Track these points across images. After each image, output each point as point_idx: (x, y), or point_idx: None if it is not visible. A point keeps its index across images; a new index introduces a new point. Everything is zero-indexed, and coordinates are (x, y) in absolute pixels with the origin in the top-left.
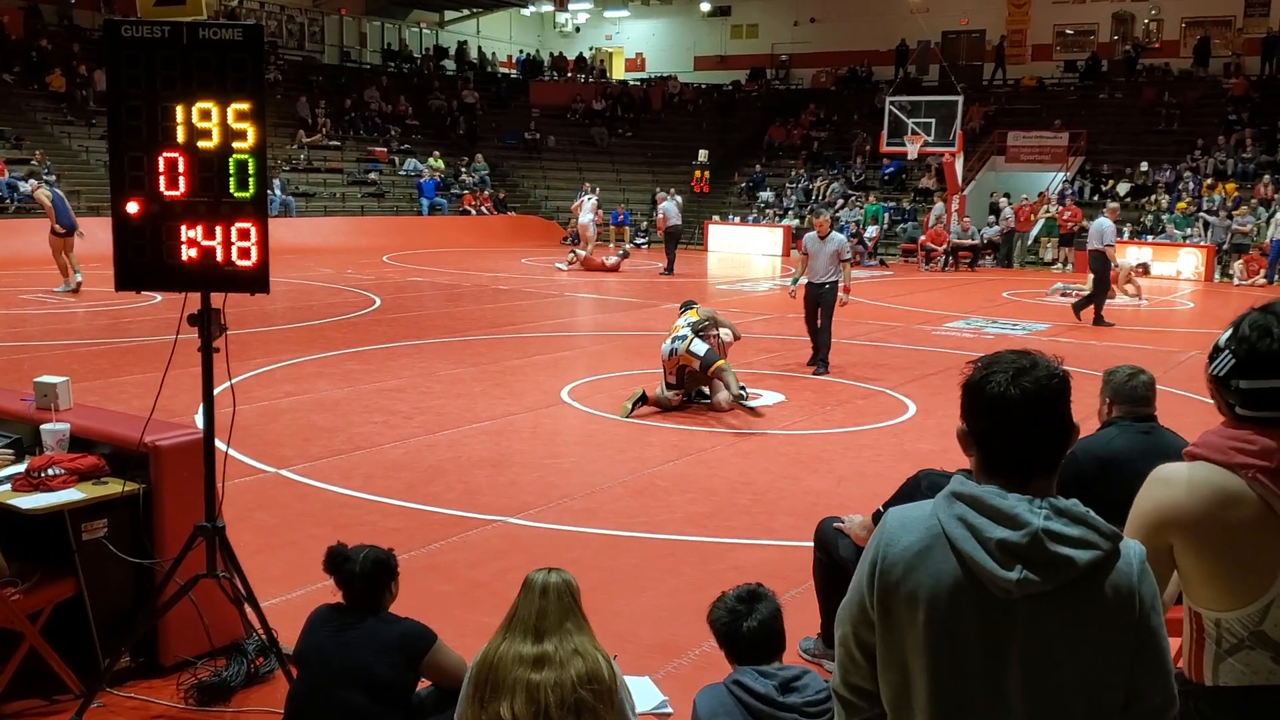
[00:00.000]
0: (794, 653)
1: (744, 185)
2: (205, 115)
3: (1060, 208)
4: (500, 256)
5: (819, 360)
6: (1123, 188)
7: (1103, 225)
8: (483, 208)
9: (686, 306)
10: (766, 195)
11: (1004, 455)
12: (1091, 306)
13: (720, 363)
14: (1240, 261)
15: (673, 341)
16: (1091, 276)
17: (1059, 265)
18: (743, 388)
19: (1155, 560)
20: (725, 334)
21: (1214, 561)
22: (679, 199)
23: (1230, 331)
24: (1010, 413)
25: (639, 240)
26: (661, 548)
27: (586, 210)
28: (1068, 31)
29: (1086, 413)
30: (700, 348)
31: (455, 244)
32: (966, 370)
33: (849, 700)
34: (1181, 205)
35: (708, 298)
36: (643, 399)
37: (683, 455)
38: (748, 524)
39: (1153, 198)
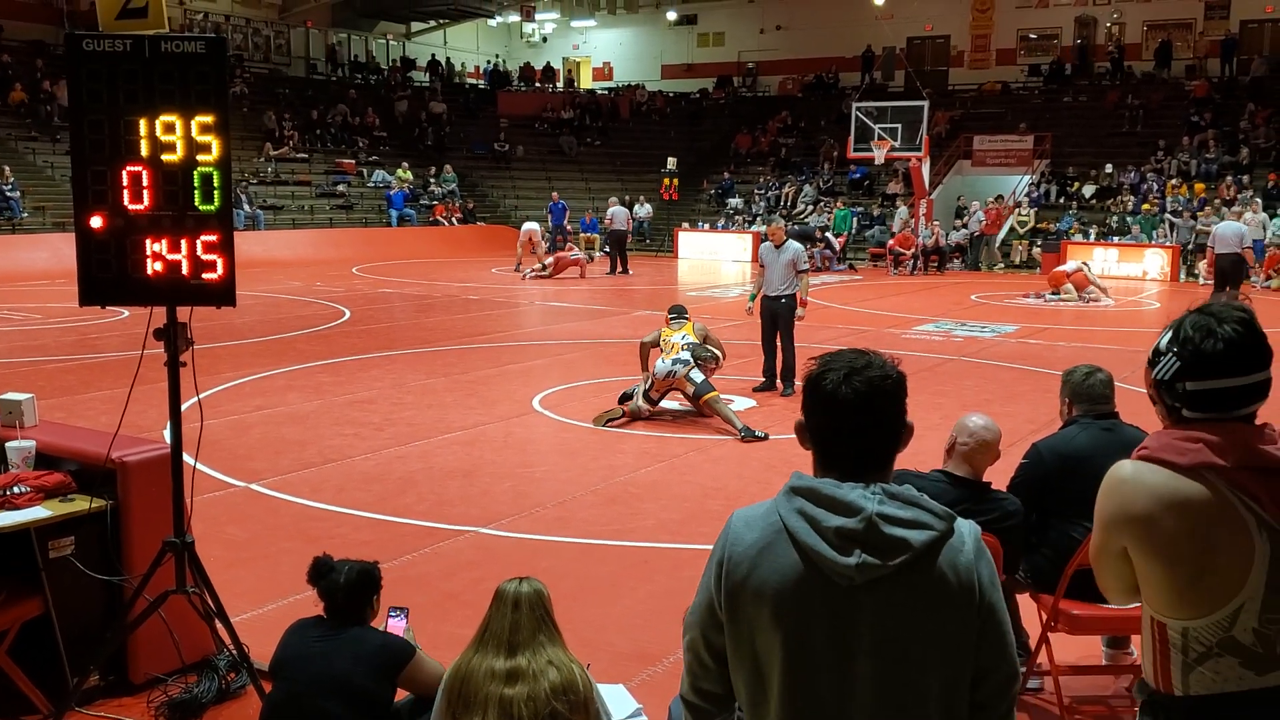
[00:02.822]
0: None
1: (713, 192)
2: (169, 128)
3: (1029, 210)
4: (470, 267)
5: (786, 381)
6: (1088, 190)
7: (1240, 229)
8: (453, 218)
9: (678, 314)
10: (735, 202)
11: (837, 450)
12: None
13: (712, 394)
14: (1205, 261)
15: (672, 364)
16: (1213, 279)
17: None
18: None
19: (1113, 558)
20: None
21: (1172, 566)
22: (648, 206)
23: (1170, 334)
24: (842, 409)
25: (606, 248)
26: (634, 555)
27: (532, 222)
28: (1031, 36)
29: (1055, 413)
30: (698, 376)
31: (424, 255)
32: (808, 367)
33: (699, 706)
34: (1146, 206)
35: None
36: (622, 416)
37: (655, 462)
38: (720, 529)
39: (1117, 199)
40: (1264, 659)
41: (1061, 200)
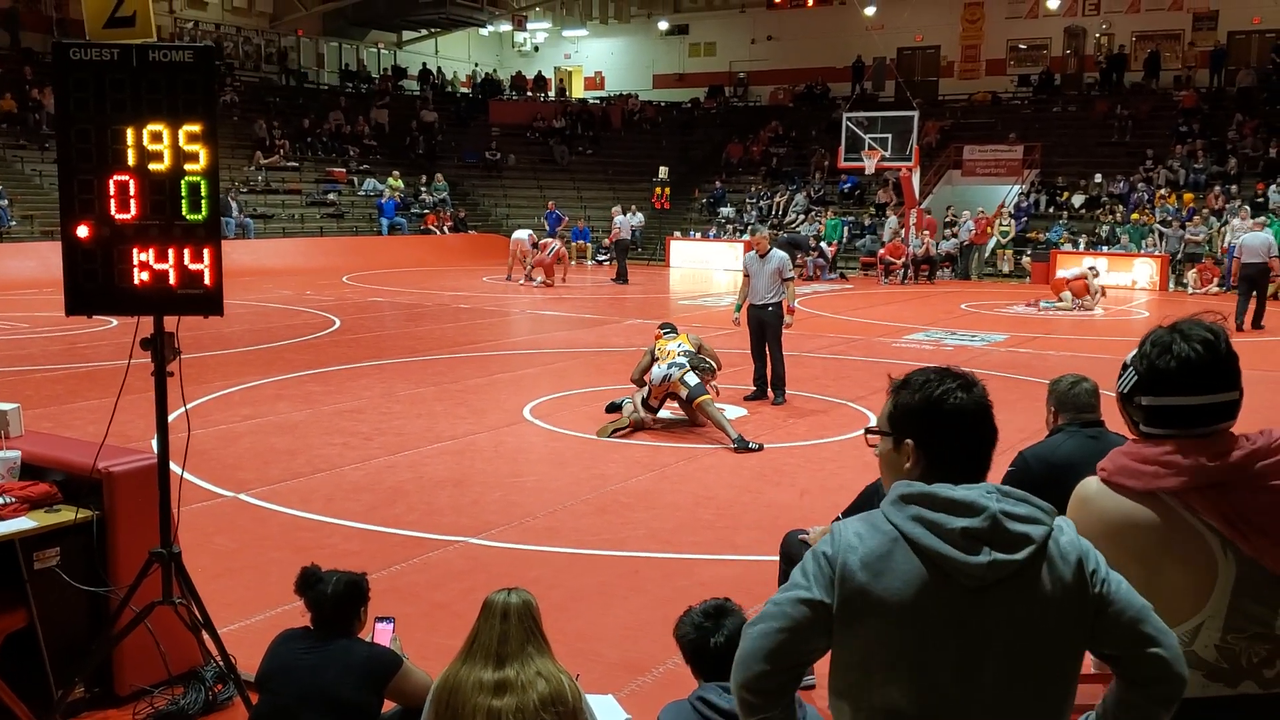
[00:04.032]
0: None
1: (704, 201)
2: (156, 137)
3: (1014, 220)
4: (461, 275)
5: (776, 390)
6: (1077, 199)
7: (1267, 238)
8: (444, 227)
9: (669, 329)
10: (727, 211)
11: (959, 464)
12: (1250, 313)
13: (705, 398)
14: (1194, 271)
15: (668, 368)
16: (1240, 285)
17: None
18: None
19: None
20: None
21: (1132, 582)
22: (640, 215)
23: (1137, 348)
24: (970, 423)
25: (601, 256)
26: (625, 565)
27: (522, 231)
28: (1021, 46)
29: (1044, 422)
30: (692, 380)
31: (415, 263)
32: (910, 396)
33: (752, 702)
34: (1136, 216)
35: (670, 313)
36: (627, 427)
37: (645, 471)
38: (711, 539)
39: (1106, 208)
40: (1230, 672)
41: (1051, 210)
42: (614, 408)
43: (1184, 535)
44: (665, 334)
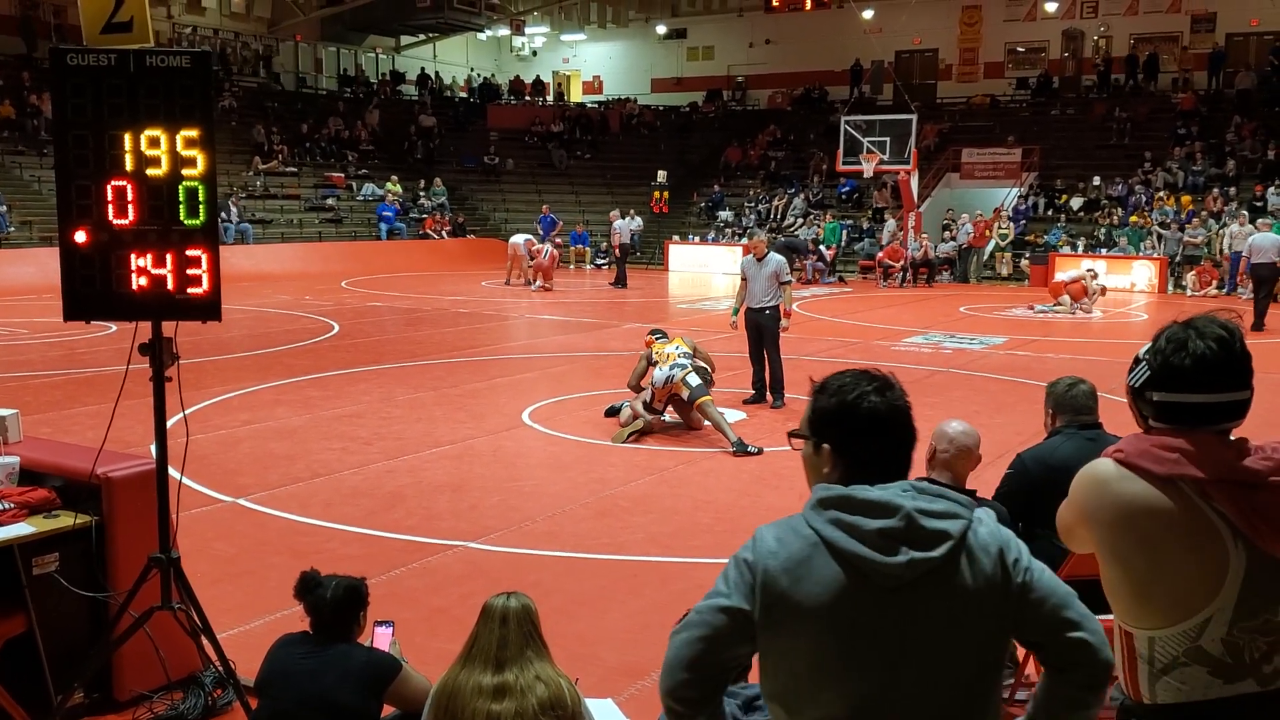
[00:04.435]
0: (757, 671)
1: (703, 205)
2: (154, 143)
3: (1012, 224)
4: (460, 280)
5: (775, 393)
6: (1076, 202)
7: (1277, 239)
8: (442, 231)
9: (659, 335)
10: (725, 215)
11: (874, 466)
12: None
13: (706, 399)
14: (1193, 273)
15: (670, 369)
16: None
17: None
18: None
19: (1077, 541)
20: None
21: (1135, 573)
22: (639, 219)
23: (1151, 343)
24: (884, 426)
25: (599, 261)
26: (624, 569)
27: (519, 236)
28: (1019, 49)
29: (1042, 424)
30: (694, 380)
31: (414, 268)
32: (827, 400)
33: (678, 711)
34: (1134, 219)
35: (669, 316)
36: (639, 430)
37: (644, 475)
38: (710, 543)
39: (1105, 211)
40: (1234, 668)
41: (1049, 212)
42: (613, 412)
43: (1200, 525)
44: (658, 339)
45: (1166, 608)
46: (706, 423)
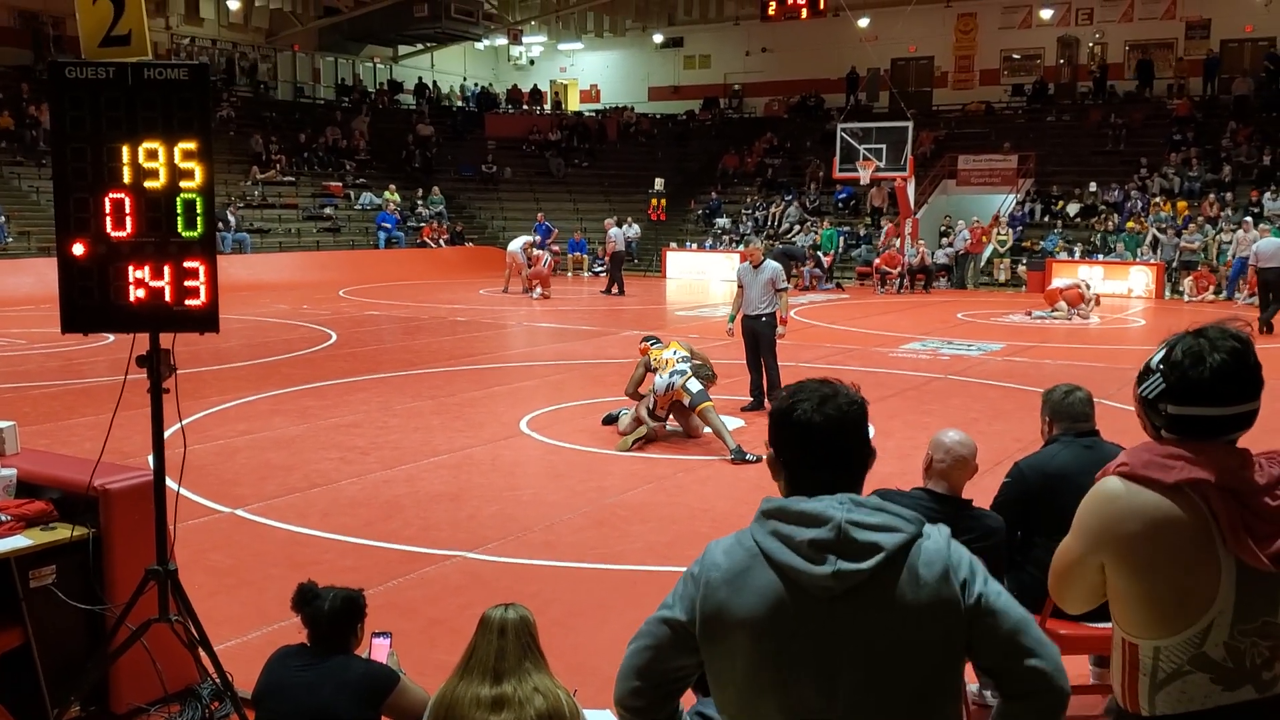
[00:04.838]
0: None
1: (700, 212)
2: (152, 155)
3: (1011, 230)
4: (457, 288)
5: (773, 400)
6: (1072, 208)
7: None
8: (440, 240)
9: (654, 341)
10: (723, 222)
11: (810, 477)
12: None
13: (707, 404)
14: (1190, 278)
15: (670, 375)
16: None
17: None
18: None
19: (1088, 572)
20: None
21: (1149, 584)
22: (636, 227)
23: (1163, 354)
24: (815, 438)
25: (596, 268)
26: (622, 578)
27: (517, 242)
28: (1014, 56)
29: (1037, 431)
30: (695, 386)
31: (412, 277)
32: (776, 399)
33: (628, 718)
34: (1131, 224)
35: (667, 323)
36: (643, 438)
37: (642, 484)
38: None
39: (1101, 217)
40: (1234, 674)
41: (1046, 219)
42: (610, 420)
43: (1201, 529)
44: (653, 345)
45: (1171, 615)
46: (706, 430)
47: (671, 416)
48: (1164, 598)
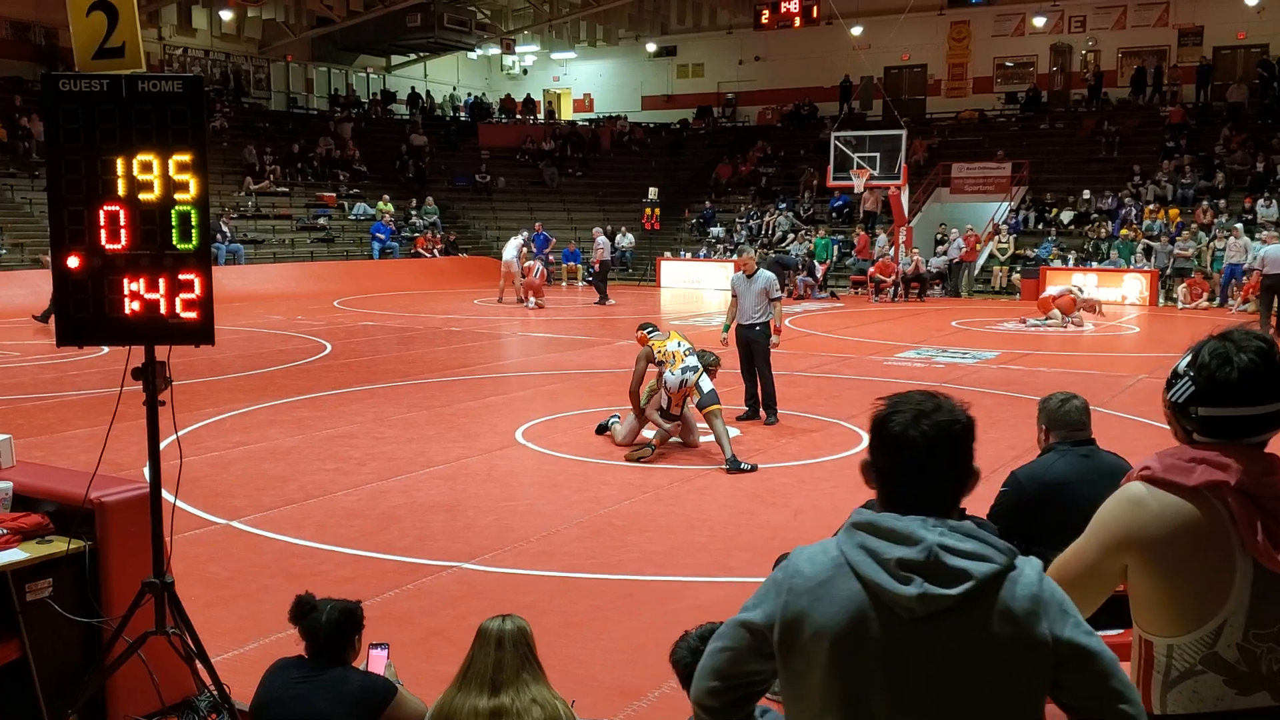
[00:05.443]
0: None
1: (694, 221)
2: (146, 167)
3: (1010, 237)
4: (452, 298)
5: (768, 409)
6: (1066, 216)
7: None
8: (434, 250)
9: (651, 329)
10: (717, 231)
11: (901, 490)
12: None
13: (715, 407)
14: (1184, 285)
15: (683, 372)
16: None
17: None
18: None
19: (1104, 576)
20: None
21: (1171, 585)
22: (630, 236)
23: (1190, 358)
24: (909, 452)
25: (589, 278)
26: (619, 588)
27: (511, 248)
28: (1007, 64)
29: (1034, 439)
30: (707, 385)
31: (406, 287)
32: (876, 406)
33: (703, 717)
34: (1125, 231)
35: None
36: (653, 451)
37: (639, 493)
38: (705, 562)
39: (1095, 224)
40: (1248, 678)
41: (1040, 226)
42: (603, 429)
43: (1218, 530)
44: (651, 334)
45: (1186, 614)
46: (705, 439)
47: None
48: (1183, 597)
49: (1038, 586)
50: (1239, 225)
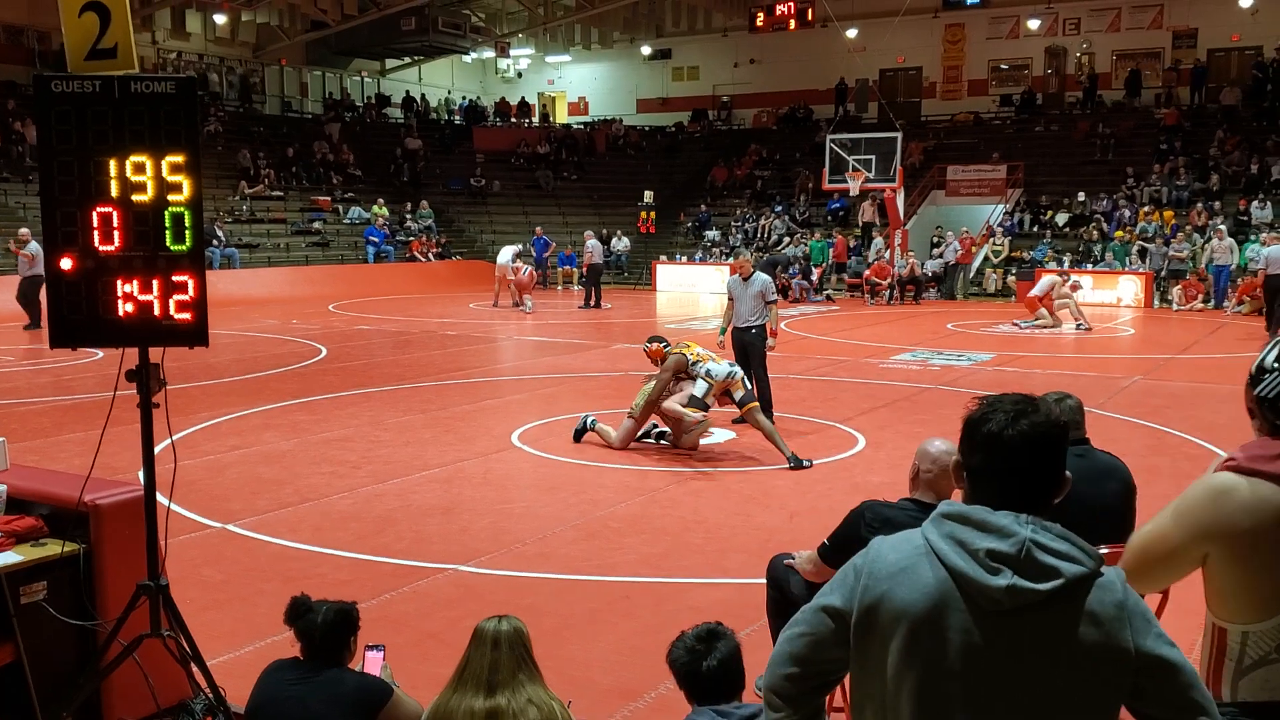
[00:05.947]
0: (751, 691)
1: (690, 225)
2: (139, 169)
3: (1004, 239)
4: (447, 302)
5: (764, 412)
6: (1061, 218)
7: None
8: (429, 254)
9: (662, 342)
10: (713, 234)
11: (992, 492)
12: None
13: (755, 404)
14: (1179, 287)
15: (730, 365)
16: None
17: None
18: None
19: (1183, 562)
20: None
21: (1254, 573)
22: (626, 240)
23: (1275, 352)
24: (1004, 451)
25: (582, 281)
26: (615, 590)
27: (506, 254)
28: (1002, 66)
29: None
30: (747, 383)
31: (401, 291)
32: (970, 406)
33: (774, 703)
34: (1120, 234)
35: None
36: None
37: (635, 496)
38: (701, 563)
39: (1090, 227)
40: None
41: (1035, 229)
42: (580, 433)
43: None
44: (670, 346)
45: (1265, 601)
46: (704, 441)
47: (663, 422)
48: (1263, 585)
49: (1123, 595)
50: (1222, 227)
